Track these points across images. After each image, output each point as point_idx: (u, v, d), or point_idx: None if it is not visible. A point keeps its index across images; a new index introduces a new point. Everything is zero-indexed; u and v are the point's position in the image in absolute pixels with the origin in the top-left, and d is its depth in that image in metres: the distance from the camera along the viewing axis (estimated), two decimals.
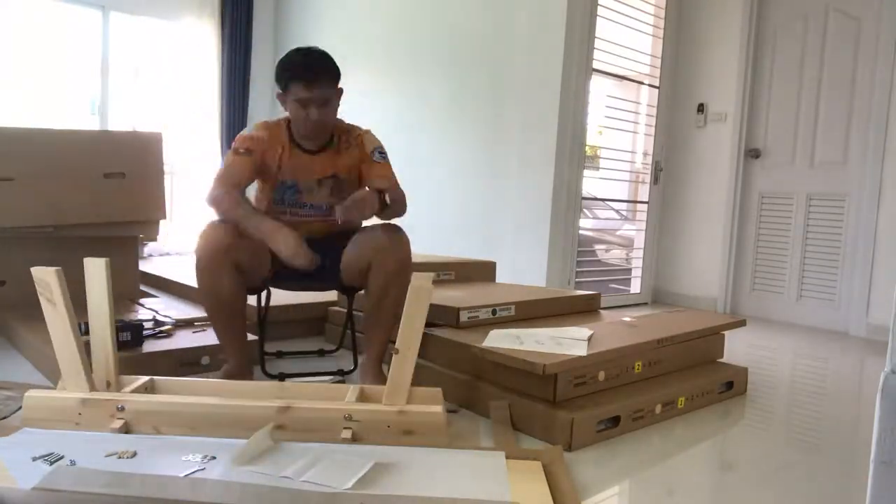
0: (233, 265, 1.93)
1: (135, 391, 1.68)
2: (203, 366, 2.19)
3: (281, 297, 2.71)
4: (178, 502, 1.21)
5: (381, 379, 1.95)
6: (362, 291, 2.10)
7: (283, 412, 1.59)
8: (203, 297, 2.02)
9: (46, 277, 1.58)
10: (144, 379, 1.76)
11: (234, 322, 2.02)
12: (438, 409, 1.61)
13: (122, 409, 1.60)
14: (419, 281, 1.63)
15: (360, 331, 2.15)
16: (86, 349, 1.66)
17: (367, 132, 2.18)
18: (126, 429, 1.59)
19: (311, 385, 1.86)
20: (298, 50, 2.05)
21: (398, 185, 2.15)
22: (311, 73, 1.98)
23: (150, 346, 2.17)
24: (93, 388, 1.64)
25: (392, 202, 2.10)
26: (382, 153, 2.15)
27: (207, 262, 1.93)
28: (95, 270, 1.66)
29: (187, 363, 2.13)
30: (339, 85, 2.07)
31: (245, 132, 2.10)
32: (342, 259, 2.08)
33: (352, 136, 2.14)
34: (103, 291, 1.66)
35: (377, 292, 1.99)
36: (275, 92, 2.11)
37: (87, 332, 1.70)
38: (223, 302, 1.96)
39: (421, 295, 1.62)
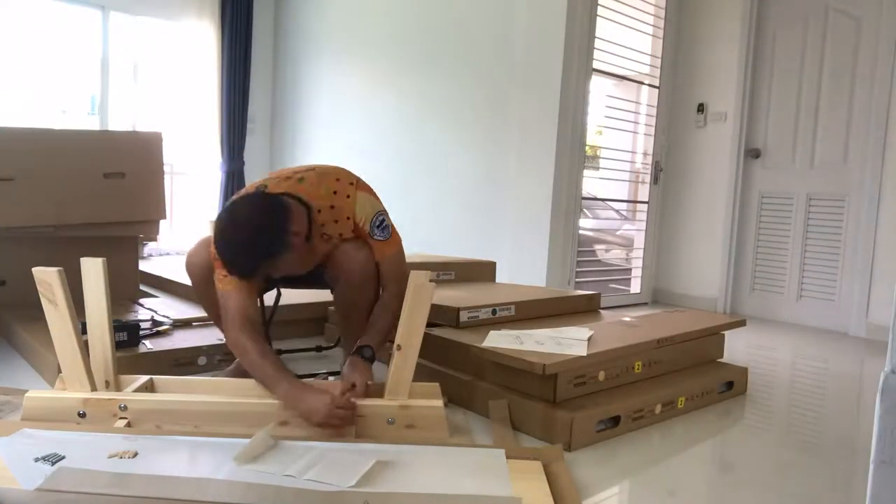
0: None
1: (136, 391, 1.68)
2: (200, 366, 2.19)
3: (281, 296, 2.72)
4: (181, 502, 1.22)
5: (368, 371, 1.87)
6: None
7: (287, 408, 1.60)
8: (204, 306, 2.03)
9: (48, 278, 1.57)
10: (144, 378, 1.76)
11: None
12: (439, 403, 1.65)
13: (125, 408, 1.60)
14: (418, 280, 1.66)
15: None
16: (85, 349, 1.66)
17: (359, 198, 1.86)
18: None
19: (314, 382, 1.87)
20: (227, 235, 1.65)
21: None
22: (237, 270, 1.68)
23: (147, 346, 2.16)
24: (93, 387, 1.65)
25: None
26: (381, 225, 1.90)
27: (197, 288, 1.95)
28: (92, 270, 1.66)
29: (184, 363, 2.14)
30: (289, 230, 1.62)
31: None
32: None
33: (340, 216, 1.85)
34: (100, 291, 1.66)
35: (344, 305, 1.97)
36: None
37: (85, 332, 1.70)
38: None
39: (421, 293, 1.65)
